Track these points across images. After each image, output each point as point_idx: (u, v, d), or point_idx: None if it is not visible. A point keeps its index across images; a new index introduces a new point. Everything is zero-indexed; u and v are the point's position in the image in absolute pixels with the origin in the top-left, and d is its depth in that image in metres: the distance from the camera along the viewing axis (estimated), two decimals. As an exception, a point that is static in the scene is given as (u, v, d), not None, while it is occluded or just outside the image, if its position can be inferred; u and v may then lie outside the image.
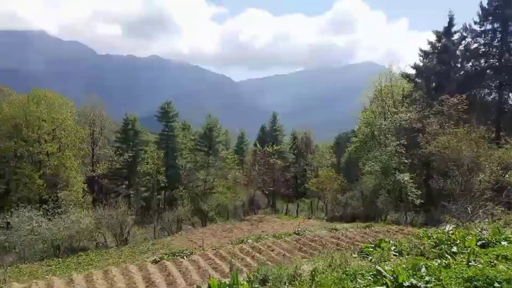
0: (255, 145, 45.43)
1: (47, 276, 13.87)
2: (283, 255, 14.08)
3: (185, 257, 14.24)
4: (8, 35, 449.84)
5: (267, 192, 38.78)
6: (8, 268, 16.16)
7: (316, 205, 38.36)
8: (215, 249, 15.47)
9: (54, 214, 21.84)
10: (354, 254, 7.79)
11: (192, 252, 14.97)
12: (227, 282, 4.28)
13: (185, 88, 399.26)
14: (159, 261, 13.72)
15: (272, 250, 14.75)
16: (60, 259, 18.57)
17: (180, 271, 12.53)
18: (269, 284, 4.98)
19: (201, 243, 18.10)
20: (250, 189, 35.82)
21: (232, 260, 12.95)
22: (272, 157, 37.30)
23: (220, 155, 42.04)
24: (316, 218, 29.80)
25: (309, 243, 16.33)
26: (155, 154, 40.17)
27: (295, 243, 16.39)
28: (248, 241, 16.54)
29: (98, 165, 35.02)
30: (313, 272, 3.98)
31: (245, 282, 4.62)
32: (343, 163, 46.26)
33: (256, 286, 4.98)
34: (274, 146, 39.10)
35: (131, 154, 37.85)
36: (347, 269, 5.06)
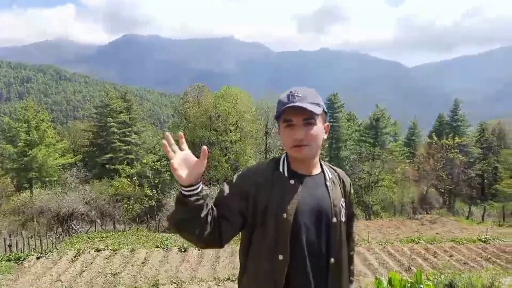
0: (429, 137, 40.91)
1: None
2: (464, 263, 12.30)
3: (349, 247, 14.20)
4: (206, 42, 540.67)
5: (442, 191, 34.38)
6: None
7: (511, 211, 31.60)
8: (381, 244, 14.84)
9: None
10: None
11: (357, 244, 14.79)
12: (409, 279, 4.03)
13: (354, 78, 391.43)
14: (323, 247, 14.15)
15: (451, 256, 13.07)
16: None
17: (344, 260, 12.63)
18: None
19: (366, 235, 17.66)
20: (422, 185, 32.54)
21: (412, 256, 12.19)
22: (452, 151, 32.73)
23: (387, 147, 39.70)
24: (509, 226, 24.67)
25: (500, 253, 13.69)
26: (320, 144, 41.18)
27: (480, 251, 14.04)
28: (421, 241, 15.14)
29: (270, 153, 38.56)
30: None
31: (430, 283, 4.27)
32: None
33: (441, 290, 4.53)
34: (454, 138, 34.22)
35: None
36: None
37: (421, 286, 3.96)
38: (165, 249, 13.68)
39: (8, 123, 31.97)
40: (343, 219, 1.50)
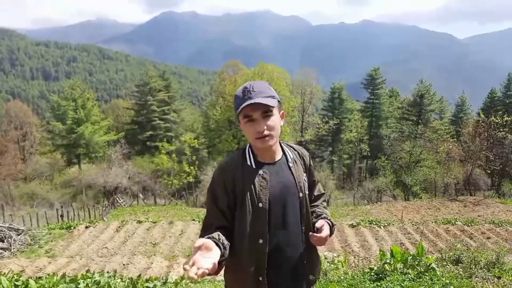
0: (478, 114, 38.52)
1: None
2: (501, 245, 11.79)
3: (382, 226, 14.09)
4: (242, 17, 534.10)
5: (489, 172, 32.50)
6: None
7: None
8: (415, 225, 14.56)
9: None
10: None
11: (390, 224, 14.62)
12: (411, 252, 4.13)
13: (400, 51, 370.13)
14: (355, 226, 14.14)
15: (488, 238, 12.58)
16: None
17: (375, 238, 12.58)
18: (461, 265, 4.53)
19: (401, 216, 17.34)
20: (467, 166, 30.93)
21: (423, 231, 12.04)
22: (501, 129, 30.62)
23: (431, 125, 37.91)
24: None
25: (545, 238, 12.95)
26: (358, 122, 40.13)
27: (522, 235, 13.35)
28: (457, 223, 14.66)
29: (306, 131, 38.24)
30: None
31: (430, 256, 4.35)
32: None
33: (445, 264, 4.65)
34: (504, 116, 31.90)
35: (336, 122, 39.19)
36: None
37: (422, 258, 4.08)
38: (200, 223, 14.33)
39: (57, 102, 34.13)
40: (307, 191, 1.73)
